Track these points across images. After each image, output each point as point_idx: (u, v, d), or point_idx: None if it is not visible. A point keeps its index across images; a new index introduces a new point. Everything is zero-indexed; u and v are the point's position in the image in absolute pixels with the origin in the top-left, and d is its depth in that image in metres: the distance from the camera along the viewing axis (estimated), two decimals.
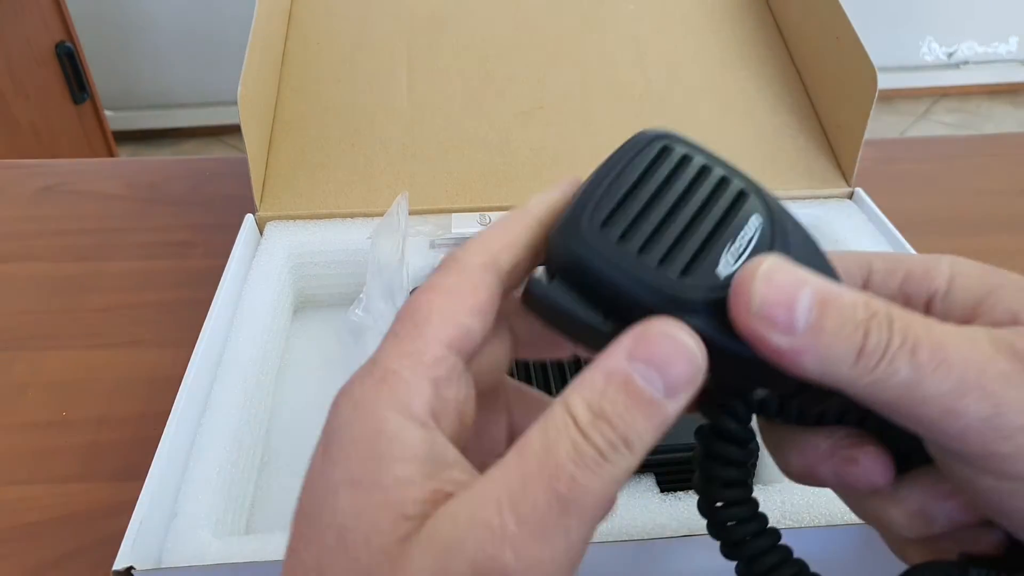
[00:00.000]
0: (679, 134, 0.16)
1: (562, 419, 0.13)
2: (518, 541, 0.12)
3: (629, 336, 0.13)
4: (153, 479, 0.25)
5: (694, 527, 0.24)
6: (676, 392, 0.13)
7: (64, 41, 1.18)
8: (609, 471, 0.13)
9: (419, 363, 0.14)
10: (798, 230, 0.16)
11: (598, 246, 0.14)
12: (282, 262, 0.36)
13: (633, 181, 0.15)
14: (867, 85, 0.37)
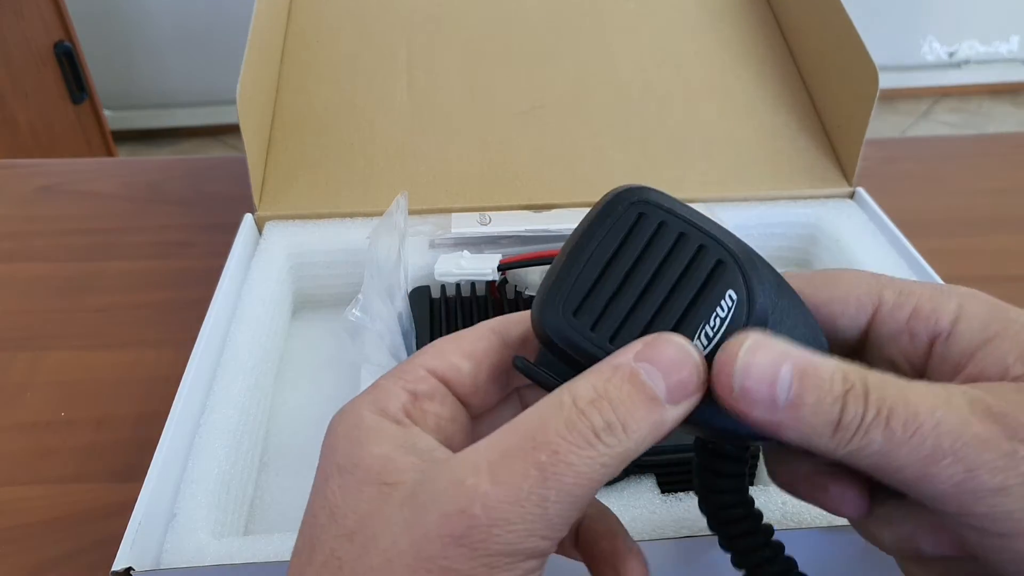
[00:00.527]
0: (656, 193, 0.16)
1: (559, 399, 0.14)
2: (490, 498, 0.13)
3: (639, 340, 0.14)
4: (152, 480, 0.25)
5: (695, 528, 0.24)
6: (677, 398, 0.14)
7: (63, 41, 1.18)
8: (596, 454, 0.13)
9: (399, 378, 0.16)
10: (781, 296, 0.16)
11: (571, 332, 0.15)
12: (281, 262, 0.36)
13: (607, 258, 0.15)
14: (868, 84, 0.37)
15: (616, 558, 0.17)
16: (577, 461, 0.13)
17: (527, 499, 0.13)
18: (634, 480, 0.26)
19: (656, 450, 0.26)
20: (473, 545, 0.13)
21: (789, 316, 0.16)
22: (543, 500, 0.13)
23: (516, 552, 0.13)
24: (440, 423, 0.16)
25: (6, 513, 0.30)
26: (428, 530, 0.13)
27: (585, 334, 0.15)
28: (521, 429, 0.13)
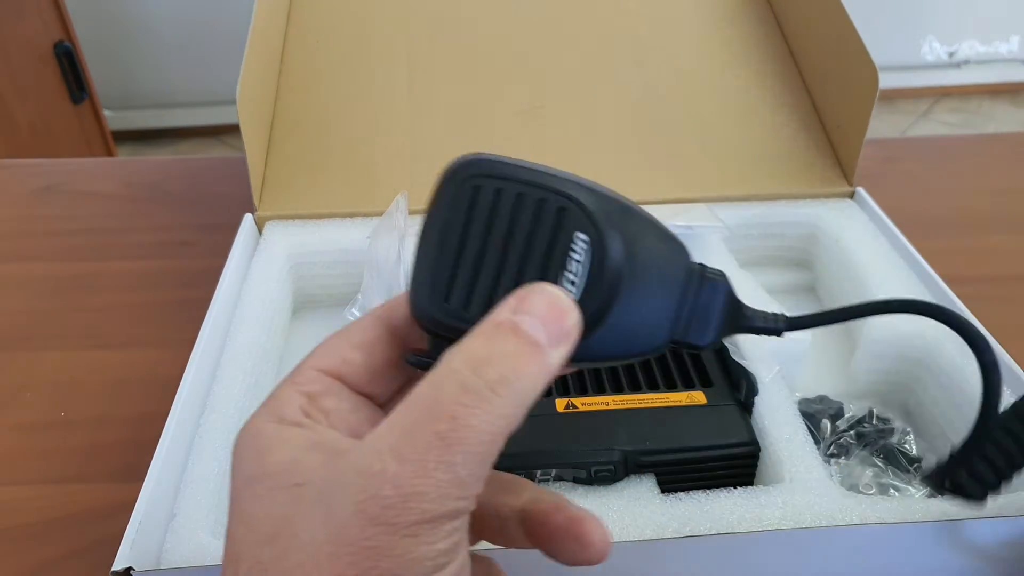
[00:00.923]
0: (484, 162, 0.16)
1: (449, 366, 0.14)
2: (399, 478, 0.13)
3: (511, 297, 0.15)
4: (152, 480, 0.25)
5: (695, 528, 0.24)
6: (558, 342, 0.15)
7: (63, 41, 1.18)
8: (492, 408, 0.13)
9: (292, 383, 0.16)
10: (630, 221, 0.16)
11: (446, 316, 0.16)
12: (281, 262, 0.36)
13: (459, 238, 0.16)
14: (868, 84, 0.37)
15: (573, 525, 0.17)
16: (477, 422, 0.13)
17: (435, 469, 0.13)
18: (634, 480, 0.26)
19: (656, 450, 0.26)
20: (391, 521, 0.13)
21: (644, 237, 0.17)
22: (451, 466, 0.13)
23: (435, 518, 0.13)
24: (342, 416, 0.16)
25: (5, 513, 0.30)
26: (345, 519, 0.13)
27: (459, 315, 0.16)
28: (417, 404, 0.14)
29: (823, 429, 0.30)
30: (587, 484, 0.26)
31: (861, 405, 0.32)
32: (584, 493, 0.26)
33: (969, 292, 0.33)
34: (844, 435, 0.30)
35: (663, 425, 0.27)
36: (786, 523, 0.24)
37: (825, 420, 0.31)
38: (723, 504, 0.25)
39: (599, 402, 0.28)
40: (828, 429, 0.30)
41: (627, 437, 0.26)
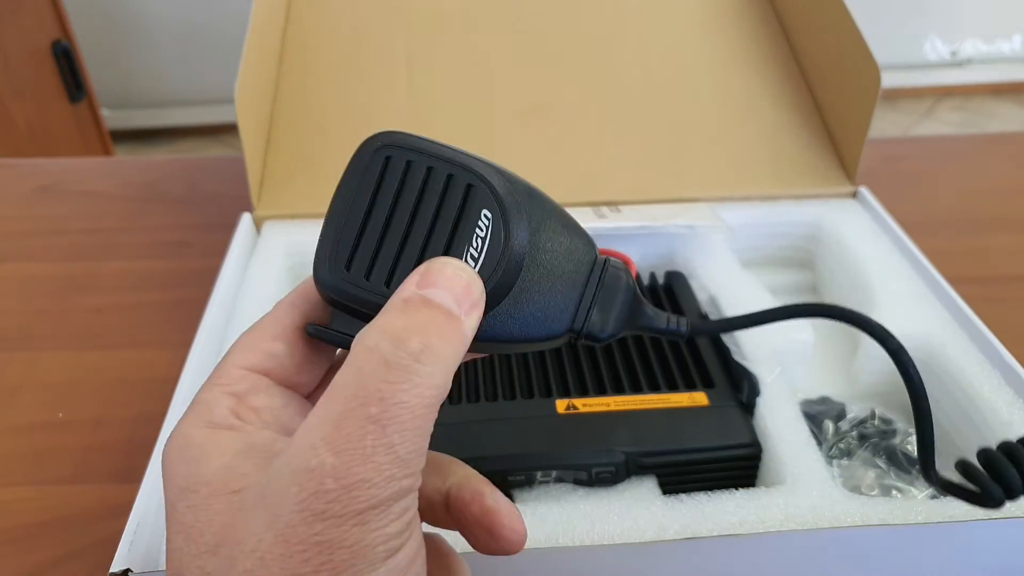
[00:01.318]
0: (399, 135, 0.17)
1: (365, 352, 0.14)
2: (339, 470, 0.13)
3: (414, 273, 0.15)
4: (150, 481, 0.25)
5: (696, 530, 0.24)
6: (467, 308, 0.15)
7: (61, 40, 1.18)
8: (419, 383, 0.13)
9: (216, 385, 0.16)
10: (533, 205, 0.17)
11: (347, 285, 0.16)
12: (279, 261, 0.36)
13: (366, 208, 0.16)
14: (870, 83, 0.37)
15: (486, 517, 0.17)
16: (407, 397, 0.13)
17: (374, 454, 0.13)
18: (635, 482, 0.26)
19: (658, 451, 0.26)
20: (338, 513, 0.13)
21: (546, 223, 0.17)
22: (390, 447, 0.13)
23: (382, 502, 0.13)
24: (273, 414, 0.16)
25: (4, 514, 0.29)
26: (290, 518, 0.13)
27: (360, 284, 0.16)
28: (342, 391, 0.13)
29: (825, 430, 0.30)
30: (588, 485, 0.26)
31: (863, 406, 0.31)
32: (585, 495, 0.26)
33: (972, 292, 0.33)
34: (846, 436, 0.30)
35: (664, 426, 0.27)
36: (788, 525, 0.24)
37: (827, 421, 0.31)
38: (725, 506, 0.25)
39: (600, 403, 0.27)
40: (830, 430, 0.30)
41: (628, 438, 0.26)
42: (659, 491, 0.26)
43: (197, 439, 0.15)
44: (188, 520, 0.14)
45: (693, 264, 0.36)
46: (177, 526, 0.14)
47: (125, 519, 0.23)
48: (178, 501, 0.14)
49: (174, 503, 0.15)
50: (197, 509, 0.14)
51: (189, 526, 0.14)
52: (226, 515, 0.14)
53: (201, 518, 0.14)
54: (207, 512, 0.14)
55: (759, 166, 0.41)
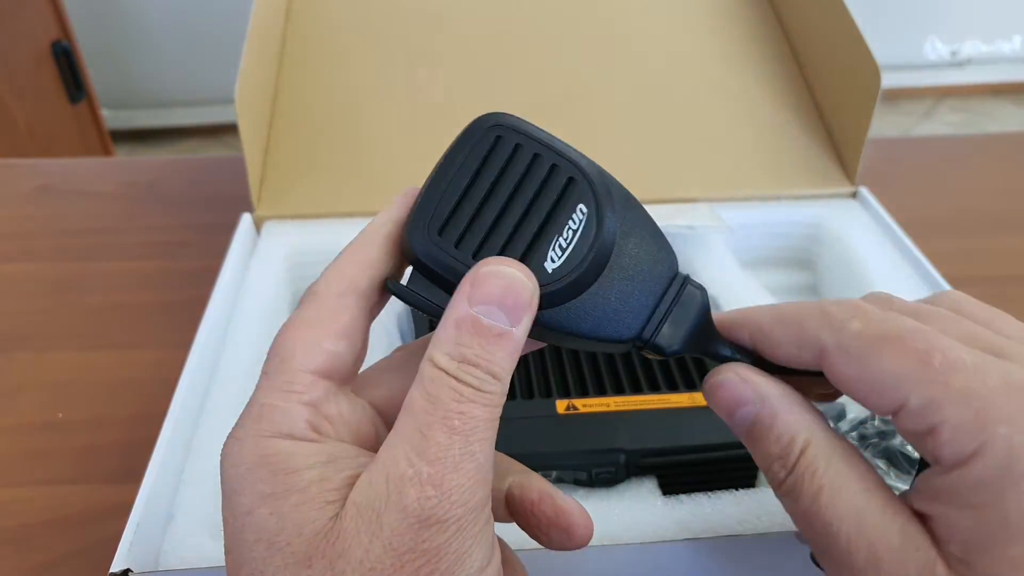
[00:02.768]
0: (512, 118, 0.17)
1: (434, 373, 0.15)
2: (436, 478, 0.14)
3: (466, 282, 0.15)
4: (150, 481, 0.25)
5: (696, 531, 0.24)
6: (519, 319, 0.15)
7: (61, 40, 1.18)
8: (488, 399, 0.15)
9: (290, 392, 0.15)
10: (628, 210, 0.17)
11: (437, 250, 0.16)
12: (280, 262, 0.36)
13: (468, 180, 0.16)
14: (870, 84, 0.37)
15: (560, 517, 0.17)
16: (479, 411, 0.14)
17: (461, 461, 0.14)
18: (635, 482, 0.26)
19: (658, 451, 0.26)
20: (441, 518, 0.13)
21: (636, 229, 0.17)
22: (473, 455, 0.14)
23: (473, 508, 0.14)
24: (344, 421, 0.16)
25: (3, 515, 0.29)
26: (395, 528, 0.13)
27: (450, 251, 0.16)
28: (420, 407, 0.14)
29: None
30: (588, 486, 0.26)
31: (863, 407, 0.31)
32: (585, 495, 0.26)
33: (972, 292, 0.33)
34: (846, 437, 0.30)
35: (664, 426, 0.27)
36: (789, 525, 0.24)
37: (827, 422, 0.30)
38: (725, 506, 0.25)
39: (600, 403, 0.27)
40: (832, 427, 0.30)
41: (628, 438, 0.26)
42: (659, 491, 0.26)
43: (282, 448, 0.15)
44: (271, 527, 0.14)
45: (693, 264, 0.36)
46: (258, 533, 0.14)
47: (125, 519, 0.23)
48: (258, 508, 0.14)
49: (251, 510, 0.14)
50: (285, 517, 0.14)
51: (274, 534, 0.14)
52: (318, 524, 0.14)
53: (288, 526, 0.14)
54: (298, 520, 0.14)
55: (759, 166, 0.41)
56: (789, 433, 0.16)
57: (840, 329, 0.16)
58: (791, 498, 0.16)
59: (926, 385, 0.14)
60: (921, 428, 0.15)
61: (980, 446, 0.14)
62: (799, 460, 0.16)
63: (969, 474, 0.14)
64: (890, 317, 0.16)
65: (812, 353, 0.16)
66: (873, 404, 0.15)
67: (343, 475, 0.14)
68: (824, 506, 0.15)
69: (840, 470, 0.16)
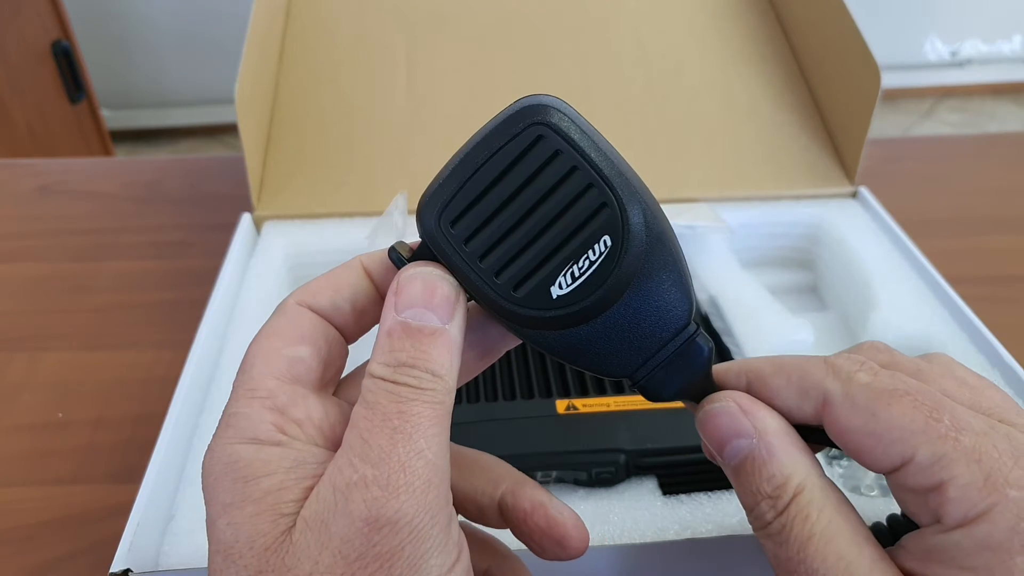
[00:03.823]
0: (559, 114, 0.16)
1: (372, 383, 0.15)
2: (381, 479, 0.13)
3: (390, 292, 0.15)
4: (150, 481, 0.25)
5: (696, 530, 0.24)
6: (449, 315, 0.15)
7: (61, 40, 1.18)
8: (430, 396, 0.14)
9: (254, 398, 0.15)
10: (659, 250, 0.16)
11: (445, 242, 0.15)
12: (280, 261, 0.36)
13: (495, 175, 0.15)
14: (870, 83, 0.37)
15: (554, 528, 0.17)
16: (417, 408, 0.14)
17: (408, 460, 0.14)
18: (635, 482, 0.26)
19: (658, 451, 0.26)
20: (390, 520, 0.13)
21: (658, 272, 0.16)
22: (420, 453, 0.14)
23: (428, 506, 0.14)
24: (316, 425, 0.16)
25: (4, 515, 0.29)
26: (344, 534, 0.13)
27: (457, 246, 0.15)
28: (362, 417, 0.14)
29: None
30: (588, 486, 0.26)
31: None
32: (585, 495, 0.26)
33: (971, 292, 0.33)
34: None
35: (665, 426, 0.27)
36: None
37: None
38: (725, 506, 0.25)
39: (600, 403, 0.27)
40: None
41: (628, 438, 0.26)
42: (659, 491, 0.26)
43: (245, 455, 0.14)
44: (227, 539, 0.14)
45: (693, 264, 0.36)
46: (216, 544, 0.14)
47: (125, 519, 0.23)
48: (220, 517, 0.14)
49: (214, 520, 0.14)
50: (239, 528, 0.14)
51: (228, 545, 0.14)
52: (270, 538, 0.14)
53: (242, 538, 0.14)
54: (250, 532, 0.14)
55: (759, 166, 0.41)
56: (784, 474, 0.16)
57: (848, 380, 0.16)
58: (775, 541, 0.16)
59: (936, 441, 0.14)
60: (927, 484, 0.14)
61: (989, 507, 0.14)
62: (791, 504, 0.15)
63: (974, 535, 0.14)
64: (896, 374, 0.16)
65: (814, 403, 0.16)
66: (877, 456, 0.15)
67: (303, 485, 0.14)
68: (812, 554, 0.15)
69: (832, 520, 0.15)
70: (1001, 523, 0.13)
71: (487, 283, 0.16)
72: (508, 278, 0.15)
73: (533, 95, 0.16)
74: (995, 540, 0.13)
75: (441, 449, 0.14)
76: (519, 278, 0.15)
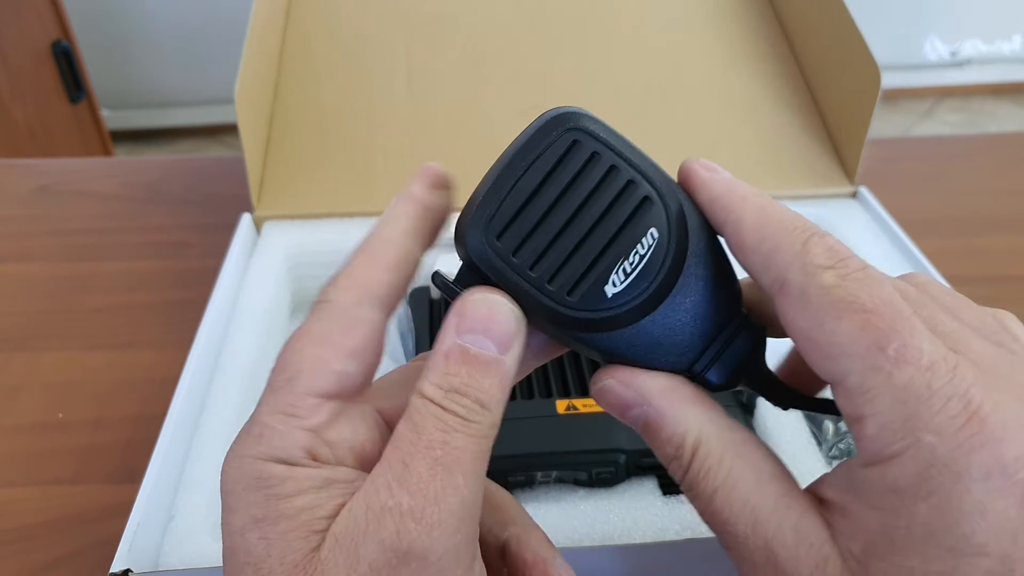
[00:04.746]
0: (591, 120, 0.16)
1: (421, 403, 0.14)
2: (416, 511, 0.13)
3: (453, 313, 0.15)
4: (150, 481, 0.25)
5: (696, 530, 0.24)
6: (507, 346, 0.15)
7: (61, 40, 1.18)
8: (475, 428, 0.14)
9: (291, 417, 0.15)
10: (701, 239, 0.16)
11: (493, 256, 0.15)
12: (280, 262, 0.36)
13: (536, 183, 0.15)
14: (870, 84, 0.37)
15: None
16: (461, 442, 0.14)
17: (444, 494, 0.13)
18: (636, 482, 0.26)
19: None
20: (420, 555, 0.13)
21: (708, 259, 0.16)
22: (457, 489, 0.14)
23: (456, 545, 0.13)
24: (348, 446, 0.15)
25: (4, 514, 0.29)
26: (373, 561, 0.13)
27: (506, 259, 0.15)
28: (406, 437, 0.14)
29: (825, 430, 0.30)
30: (588, 486, 0.26)
31: None
32: (585, 495, 0.26)
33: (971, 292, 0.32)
34: (846, 436, 0.30)
35: None
36: None
37: (827, 421, 0.30)
38: None
39: None
40: (830, 430, 0.30)
41: (629, 438, 0.26)
42: (659, 492, 0.26)
43: (277, 473, 0.14)
44: (259, 553, 0.14)
45: None
46: (246, 556, 0.14)
47: (125, 519, 0.23)
48: (249, 531, 0.14)
49: (243, 532, 0.14)
50: (272, 544, 0.14)
51: (260, 560, 0.14)
52: (301, 553, 0.14)
53: (274, 553, 0.14)
54: (282, 548, 0.14)
55: (759, 166, 0.41)
56: (679, 432, 0.15)
57: (810, 275, 0.14)
58: (692, 498, 0.16)
59: (868, 372, 0.13)
60: (851, 413, 0.14)
61: (902, 449, 0.13)
62: (693, 461, 0.15)
63: (885, 475, 0.13)
64: (869, 279, 0.14)
65: (771, 280, 0.15)
66: (812, 363, 0.15)
67: (335, 503, 0.14)
68: (720, 507, 0.15)
69: (734, 466, 0.15)
70: (911, 467, 0.13)
71: (541, 291, 0.15)
72: (561, 283, 0.15)
73: (557, 107, 0.16)
74: (901, 484, 0.13)
75: (477, 486, 0.14)
76: (573, 281, 0.15)
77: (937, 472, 0.13)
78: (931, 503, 0.13)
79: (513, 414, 0.27)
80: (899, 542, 0.13)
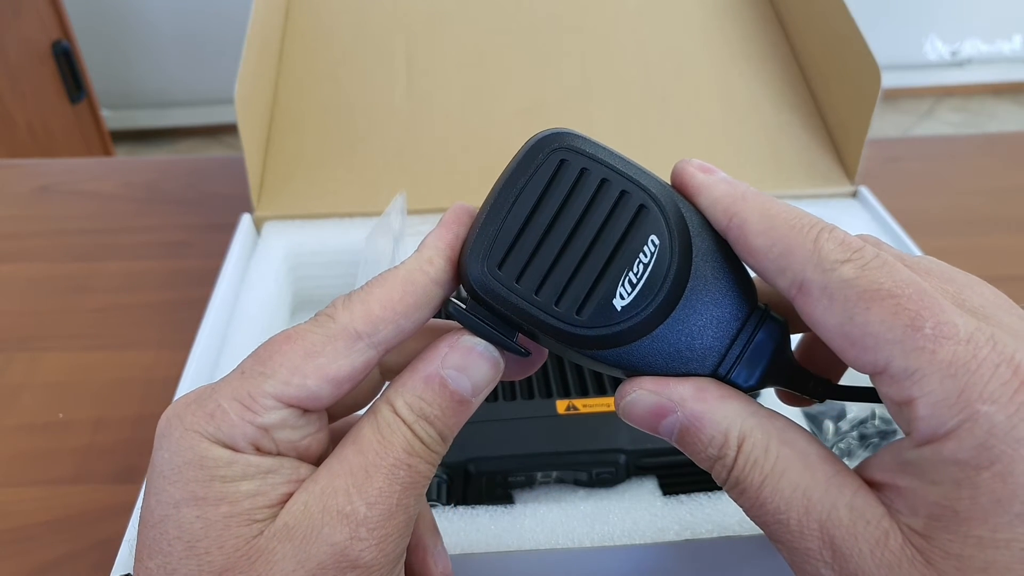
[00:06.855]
0: (577, 138, 0.16)
1: (392, 418, 0.15)
2: (371, 522, 0.14)
3: (445, 343, 0.16)
4: None
5: (696, 531, 0.24)
6: (479, 392, 0.16)
7: (61, 40, 1.18)
8: (432, 457, 0.15)
9: (248, 410, 0.15)
10: (704, 238, 0.16)
11: (496, 286, 0.15)
12: (280, 262, 0.36)
13: (530, 208, 0.16)
14: (870, 83, 0.37)
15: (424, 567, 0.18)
16: (422, 467, 0.15)
17: (396, 511, 0.14)
18: (635, 483, 0.26)
19: (658, 452, 0.26)
20: (366, 564, 0.14)
21: (711, 260, 0.16)
22: (406, 508, 0.15)
23: (395, 558, 0.15)
24: (298, 447, 0.15)
25: (5, 515, 0.29)
26: (322, 561, 0.14)
27: (510, 286, 0.15)
28: (370, 446, 0.15)
29: (825, 430, 0.30)
30: (588, 486, 0.26)
31: (863, 406, 0.31)
32: (585, 495, 0.26)
33: None
34: (846, 436, 0.30)
35: None
36: None
37: (828, 421, 0.30)
38: (725, 506, 0.25)
39: (601, 403, 0.27)
40: (831, 430, 0.30)
41: (629, 439, 0.26)
42: (659, 492, 0.26)
43: (222, 456, 0.14)
44: (194, 531, 0.14)
45: None
46: (177, 531, 0.14)
47: (125, 519, 0.23)
48: (185, 507, 0.14)
49: (178, 505, 0.14)
50: (211, 525, 0.14)
51: (195, 539, 0.14)
52: (241, 540, 0.14)
53: (212, 535, 0.14)
54: (221, 532, 0.14)
55: (759, 165, 0.41)
56: (721, 431, 0.15)
57: (829, 271, 0.14)
58: (739, 497, 0.15)
59: (911, 353, 0.13)
60: (899, 398, 0.14)
61: (959, 424, 0.13)
62: (738, 457, 0.15)
63: (944, 450, 0.13)
64: (887, 265, 0.14)
65: (789, 284, 0.15)
66: (850, 359, 0.14)
67: (279, 492, 0.14)
68: (769, 496, 0.14)
69: (780, 453, 0.15)
70: (969, 440, 0.13)
71: (549, 313, 0.15)
72: (569, 303, 0.15)
73: (541, 131, 0.16)
74: (962, 457, 0.13)
75: (420, 506, 0.15)
76: (580, 300, 0.15)
77: (998, 440, 0.13)
78: (994, 471, 0.13)
79: (513, 414, 0.27)
80: (964, 512, 0.13)
